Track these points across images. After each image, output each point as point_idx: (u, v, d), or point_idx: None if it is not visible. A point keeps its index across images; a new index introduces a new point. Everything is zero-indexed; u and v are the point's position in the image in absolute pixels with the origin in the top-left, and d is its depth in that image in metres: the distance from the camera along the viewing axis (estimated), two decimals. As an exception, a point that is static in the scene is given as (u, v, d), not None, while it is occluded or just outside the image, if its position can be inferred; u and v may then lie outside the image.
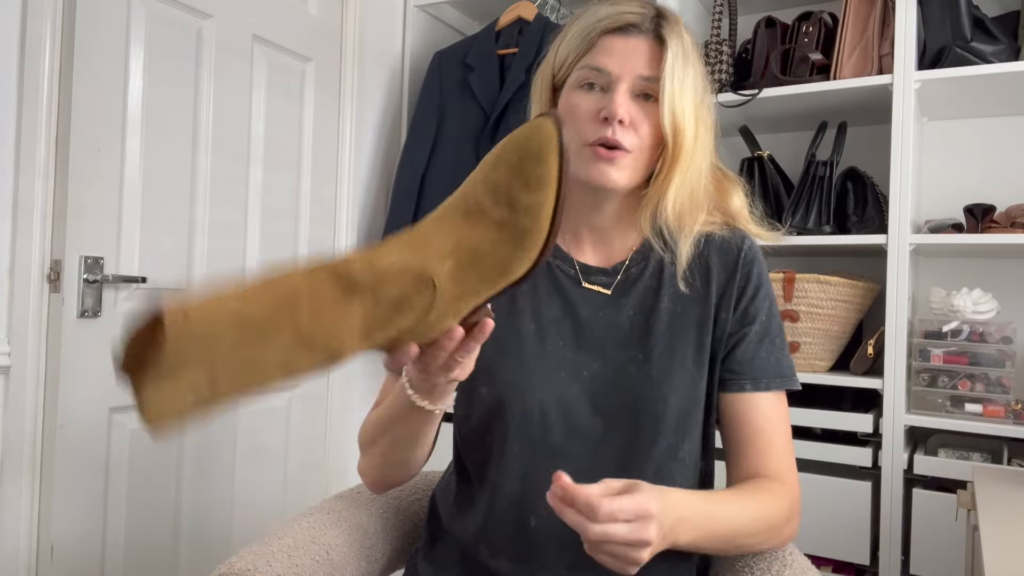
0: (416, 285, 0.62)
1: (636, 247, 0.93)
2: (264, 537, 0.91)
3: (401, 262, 0.62)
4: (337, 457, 2.11)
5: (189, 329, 0.57)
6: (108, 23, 1.48)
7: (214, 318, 0.58)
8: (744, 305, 0.90)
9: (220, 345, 0.58)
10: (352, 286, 0.61)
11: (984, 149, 1.86)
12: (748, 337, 0.89)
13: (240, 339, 0.58)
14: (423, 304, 0.62)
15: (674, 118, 0.85)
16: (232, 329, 0.58)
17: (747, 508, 0.82)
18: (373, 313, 0.61)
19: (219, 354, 0.58)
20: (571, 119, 0.86)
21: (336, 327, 0.60)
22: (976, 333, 1.61)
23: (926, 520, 1.57)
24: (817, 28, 1.79)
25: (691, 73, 0.86)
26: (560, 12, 2.17)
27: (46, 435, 1.41)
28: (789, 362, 0.92)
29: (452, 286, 0.63)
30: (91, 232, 1.46)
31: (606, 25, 0.86)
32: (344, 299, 0.61)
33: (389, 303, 0.61)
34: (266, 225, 1.86)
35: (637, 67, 0.85)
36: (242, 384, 0.59)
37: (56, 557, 1.41)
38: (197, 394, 0.58)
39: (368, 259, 0.61)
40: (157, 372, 0.57)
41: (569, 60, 0.89)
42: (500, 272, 0.63)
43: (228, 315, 0.58)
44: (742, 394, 0.88)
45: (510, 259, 0.63)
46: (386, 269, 0.61)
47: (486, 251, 0.63)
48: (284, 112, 1.90)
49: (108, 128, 1.49)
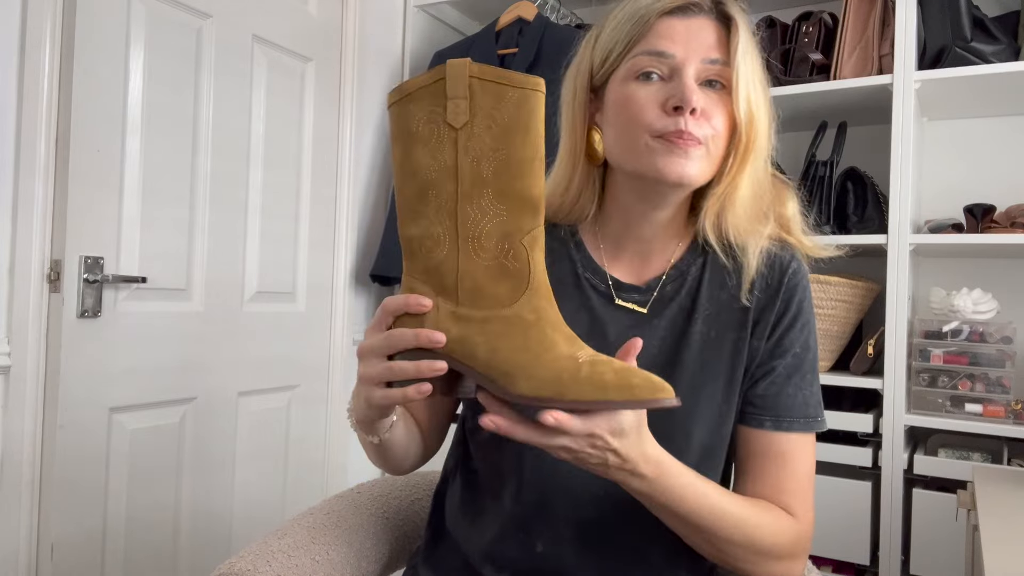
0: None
1: (675, 260, 0.86)
2: (264, 537, 0.91)
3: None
4: (337, 457, 2.11)
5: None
6: (108, 23, 1.48)
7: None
8: (779, 335, 0.82)
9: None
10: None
11: (984, 149, 1.86)
12: (777, 371, 0.82)
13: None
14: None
15: (749, 106, 0.77)
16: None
17: (734, 509, 0.75)
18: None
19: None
20: (627, 114, 0.77)
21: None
22: (976, 333, 1.61)
23: (926, 520, 1.57)
24: (817, 28, 1.79)
25: (758, 54, 0.79)
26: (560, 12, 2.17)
27: (46, 435, 1.41)
28: (817, 400, 0.83)
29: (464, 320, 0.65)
30: (91, 232, 1.46)
31: (664, 5, 0.77)
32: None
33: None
34: (266, 225, 1.86)
35: (702, 50, 0.76)
36: None
37: (56, 557, 1.41)
38: None
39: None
40: None
41: (617, 51, 0.79)
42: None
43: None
44: (760, 430, 0.81)
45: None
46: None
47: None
48: (284, 112, 1.90)
49: (108, 128, 1.49)
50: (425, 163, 0.64)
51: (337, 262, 2.09)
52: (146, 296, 1.57)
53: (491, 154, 0.63)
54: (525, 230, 0.64)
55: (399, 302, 0.66)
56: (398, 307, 0.66)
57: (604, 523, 0.81)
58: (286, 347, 1.93)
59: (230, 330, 1.76)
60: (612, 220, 0.87)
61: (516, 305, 0.63)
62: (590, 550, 0.81)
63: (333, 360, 2.08)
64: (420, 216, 0.66)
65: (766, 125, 0.80)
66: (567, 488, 0.81)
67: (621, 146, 0.80)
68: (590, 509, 0.81)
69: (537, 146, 0.63)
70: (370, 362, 0.67)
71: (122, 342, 1.52)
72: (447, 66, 0.63)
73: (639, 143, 0.77)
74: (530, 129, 0.62)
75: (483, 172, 0.63)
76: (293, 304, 1.96)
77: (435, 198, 0.65)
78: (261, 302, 1.86)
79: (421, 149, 0.65)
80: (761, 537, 0.76)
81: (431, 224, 0.65)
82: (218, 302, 1.73)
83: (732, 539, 0.75)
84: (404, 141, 0.66)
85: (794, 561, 0.80)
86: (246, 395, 1.82)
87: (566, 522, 0.81)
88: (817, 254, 0.86)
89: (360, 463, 2.22)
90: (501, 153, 0.63)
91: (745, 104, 0.77)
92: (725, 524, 0.74)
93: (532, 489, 0.82)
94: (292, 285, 1.96)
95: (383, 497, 1.07)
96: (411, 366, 0.64)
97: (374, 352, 0.66)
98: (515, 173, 0.63)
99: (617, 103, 0.79)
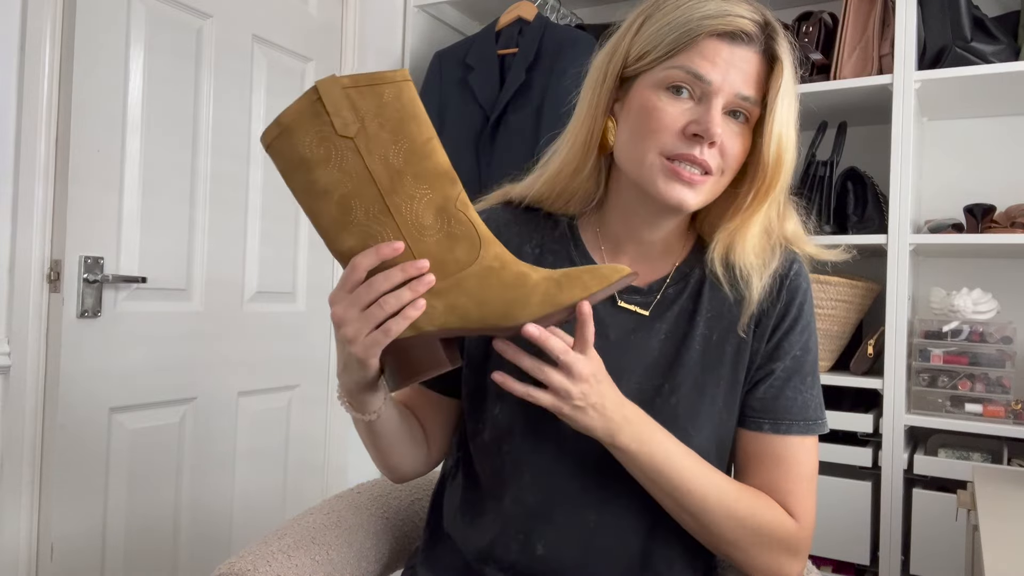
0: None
1: (679, 263, 0.86)
2: (264, 537, 0.91)
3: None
4: (337, 457, 2.11)
5: None
6: (108, 23, 1.48)
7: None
8: (778, 338, 0.82)
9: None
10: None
11: (984, 149, 1.86)
12: (775, 374, 0.82)
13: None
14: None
15: (780, 148, 0.76)
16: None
17: (721, 487, 0.76)
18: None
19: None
20: (648, 124, 0.76)
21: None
22: (976, 333, 1.61)
23: (926, 520, 1.57)
24: (817, 28, 1.79)
25: (796, 97, 0.78)
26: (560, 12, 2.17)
27: (46, 435, 1.41)
28: (817, 403, 0.83)
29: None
30: (91, 232, 1.46)
31: (716, 26, 0.74)
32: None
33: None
34: (266, 225, 1.86)
35: (738, 83, 0.75)
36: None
37: (56, 557, 1.41)
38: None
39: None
40: None
41: (656, 54, 0.77)
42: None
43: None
44: (759, 433, 0.82)
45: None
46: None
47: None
48: (284, 112, 1.90)
49: (108, 128, 1.49)
50: (334, 178, 0.67)
51: (337, 262, 2.09)
52: (146, 296, 1.57)
53: (394, 147, 0.67)
54: (453, 197, 0.69)
55: (370, 255, 0.67)
56: (371, 261, 0.67)
57: (604, 525, 0.81)
58: (286, 347, 1.93)
59: (230, 330, 1.76)
60: (614, 219, 0.86)
61: (478, 260, 0.69)
62: (590, 552, 0.81)
63: (333, 360, 2.08)
64: (351, 226, 0.68)
65: (792, 166, 0.79)
66: (567, 490, 0.81)
67: (631, 152, 0.79)
68: (590, 511, 0.81)
69: (429, 126, 0.68)
70: (352, 315, 0.67)
71: (122, 342, 1.52)
72: (319, 86, 0.67)
73: (647, 157, 0.77)
74: (417, 114, 0.67)
75: (395, 165, 0.67)
76: (293, 304, 1.96)
77: (360, 205, 0.68)
78: (261, 302, 1.86)
79: (323, 168, 0.67)
80: (752, 516, 0.77)
81: (367, 228, 0.68)
82: (218, 302, 1.73)
83: (715, 510, 0.76)
84: (302, 169, 0.68)
85: (792, 558, 0.79)
86: (246, 395, 1.82)
87: (566, 524, 0.81)
88: (822, 257, 0.86)
89: (360, 463, 2.22)
90: (403, 143, 0.67)
91: (776, 147, 0.76)
92: (707, 491, 0.76)
93: (533, 491, 0.82)
94: (292, 285, 1.96)
95: (383, 497, 1.07)
96: (406, 289, 0.67)
97: (355, 304, 0.67)
98: (423, 155, 0.68)
99: (641, 108, 0.77)
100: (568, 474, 0.81)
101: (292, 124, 0.67)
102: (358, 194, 0.67)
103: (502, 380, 0.71)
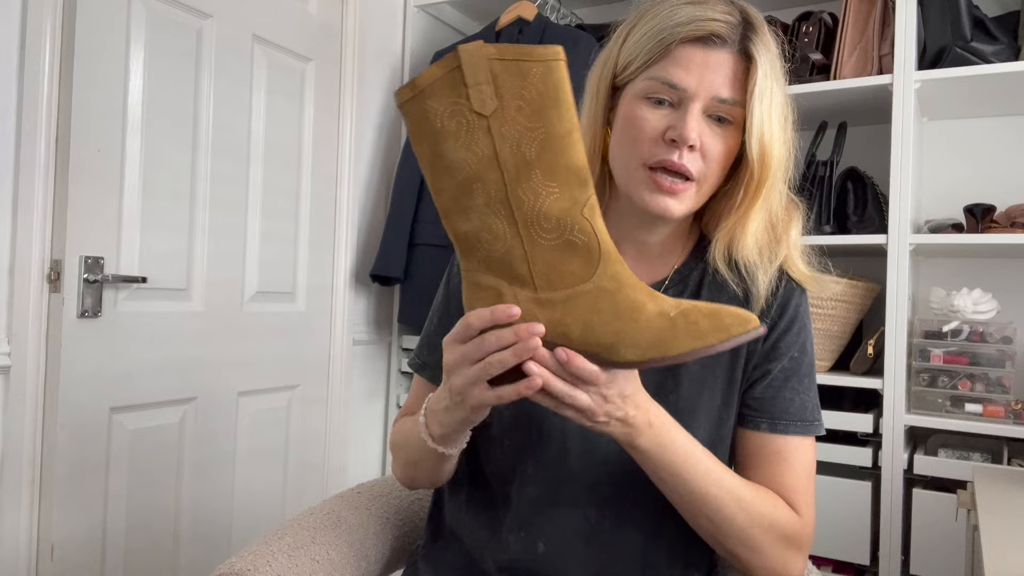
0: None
1: (679, 265, 0.87)
2: (264, 537, 0.91)
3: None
4: (337, 457, 2.11)
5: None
6: (108, 23, 1.48)
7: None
8: (775, 339, 0.82)
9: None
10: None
11: (984, 149, 1.86)
12: (773, 374, 0.82)
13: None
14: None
15: (762, 145, 0.76)
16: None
17: (736, 487, 0.75)
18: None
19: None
20: (630, 134, 0.78)
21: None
22: (976, 333, 1.61)
23: (926, 520, 1.57)
24: (817, 28, 1.79)
25: (778, 91, 0.78)
26: (560, 12, 2.17)
27: (46, 435, 1.41)
28: (815, 404, 0.83)
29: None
30: (91, 232, 1.46)
31: (688, 33, 0.75)
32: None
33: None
34: (266, 225, 1.86)
35: (715, 87, 0.75)
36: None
37: (56, 557, 1.41)
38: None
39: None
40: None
41: (635, 64, 0.78)
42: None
43: None
44: (757, 432, 0.82)
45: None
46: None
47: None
48: (284, 112, 1.90)
49: (108, 128, 1.49)
50: (461, 157, 0.62)
51: (337, 262, 2.09)
52: (146, 296, 1.57)
53: (529, 135, 0.61)
54: (581, 201, 0.63)
55: (485, 316, 0.64)
56: (485, 322, 0.64)
57: (606, 524, 0.81)
58: (286, 347, 1.93)
59: (230, 330, 1.76)
60: (613, 222, 0.86)
61: (595, 277, 0.63)
62: (592, 551, 0.81)
63: (333, 360, 2.08)
64: (469, 211, 0.64)
65: (783, 159, 0.79)
66: (570, 489, 0.81)
67: (618, 161, 0.81)
68: (592, 510, 0.81)
69: (572, 117, 0.62)
70: (462, 369, 0.66)
71: (122, 342, 1.52)
72: (460, 52, 0.60)
73: (631, 167, 0.78)
74: (561, 101, 0.61)
75: (526, 155, 0.62)
76: (293, 304, 1.96)
77: (482, 190, 0.63)
78: (261, 302, 1.86)
79: (452, 144, 0.62)
80: (764, 515, 0.76)
81: (484, 216, 0.63)
82: (218, 302, 1.73)
83: (730, 510, 0.75)
84: (430, 139, 0.63)
85: (797, 555, 0.79)
86: (246, 395, 1.82)
87: (568, 522, 0.81)
88: (808, 286, 0.85)
89: (360, 463, 2.22)
90: (539, 132, 0.61)
91: (757, 144, 0.76)
92: (723, 492, 0.74)
93: (535, 489, 0.82)
94: (292, 285, 1.96)
95: (383, 497, 1.07)
96: (509, 353, 0.63)
97: (467, 360, 0.65)
98: (558, 149, 0.62)
99: (625, 118, 0.79)
100: (571, 471, 0.82)
101: (427, 89, 0.62)
102: (482, 178, 0.62)
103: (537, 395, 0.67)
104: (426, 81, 0.62)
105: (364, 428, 2.24)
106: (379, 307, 2.27)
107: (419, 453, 0.81)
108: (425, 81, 0.62)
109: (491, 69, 0.61)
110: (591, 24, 2.22)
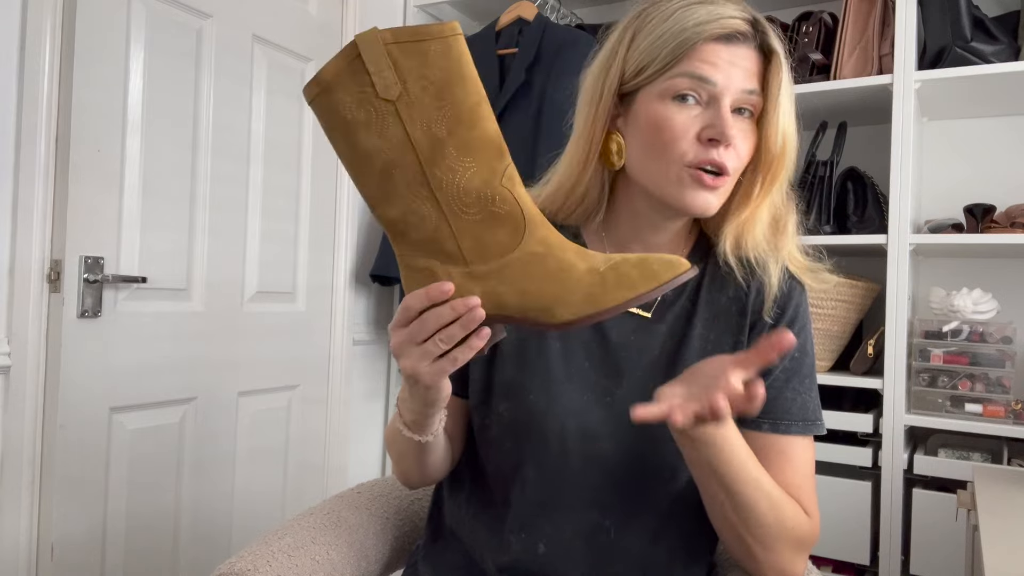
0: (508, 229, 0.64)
1: None
2: (264, 537, 0.91)
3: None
4: (337, 457, 2.11)
5: None
6: (108, 23, 1.48)
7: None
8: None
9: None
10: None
11: (984, 149, 1.86)
12: (774, 374, 0.82)
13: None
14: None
15: (784, 139, 0.79)
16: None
17: (771, 490, 0.76)
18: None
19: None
20: (661, 138, 0.77)
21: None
22: (976, 333, 1.61)
23: (926, 520, 1.57)
24: (817, 28, 1.79)
25: (792, 88, 0.80)
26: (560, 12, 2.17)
27: (46, 435, 1.41)
28: (816, 404, 0.84)
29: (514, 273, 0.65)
30: (91, 232, 1.46)
31: (712, 31, 0.76)
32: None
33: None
34: (266, 225, 1.86)
35: (741, 80, 0.77)
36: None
37: (56, 557, 1.41)
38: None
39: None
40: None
41: (655, 67, 0.78)
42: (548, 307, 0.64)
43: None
44: (759, 433, 0.81)
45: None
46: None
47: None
48: (284, 112, 1.90)
49: (108, 128, 1.49)
50: (375, 145, 0.63)
51: (337, 262, 2.09)
52: (146, 296, 1.57)
53: (437, 113, 0.62)
54: (499, 172, 0.63)
55: (421, 296, 0.65)
56: (422, 302, 0.65)
57: (606, 525, 0.81)
58: (286, 347, 1.93)
59: (230, 330, 1.76)
60: (620, 225, 0.87)
61: (522, 244, 0.64)
62: (592, 552, 0.81)
63: (333, 360, 2.08)
64: (392, 197, 0.64)
65: (795, 155, 0.82)
66: (570, 490, 0.81)
67: (649, 168, 0.80)
68: (592, 511, 0.81)
69: (478, 89, 0.62)
70: (409, 350, 0.66)
71: (122, 342, 1.52)
72: (357, 40, 0.61)
73: (670, 171, 0.78)
74: (464, 76, 0.61)
75: (437, 133, 0.62)
76: (293, 304, 1.96)
77: (400, 175, 0.63)
78: (261, 302, 1.86)
79: (364, 133, 0.63)
80: (784, 518, 0.76)
81: (408, 200, 0.64)
82: (218, 302, 1.73)
83: (761, 508, 0.75)
84: (343, 131, 0.64)
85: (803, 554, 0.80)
86: (246, 395, 1.82)
87: (568, 523, 0.81)
88: (811, 281, 0.86)
89: (360, 463, 2.22)
90: (447, 109, 0.62)
91: (780, 138, 0.78)
92: (760, 493, 0.75)
93: (536, 490, 0.82)
94: (292, 285, 1.96)
95: (383, 497, 1.07)
96: (456, 327, 0.64)
97: (412, 340, 0.66)
98: (468, 123, 0.62)
99: (650, 122, 0.78)
100: (572, 473, 0.82)
101: (332, 82, 0.62)
102: (399, 163, 0.63)
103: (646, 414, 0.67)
104: (330, 74, 0.62)
105: (364, 428, 2.24)
106: (379, 307, 2.27)
107: (401, 446, 0.81)
108: (329, 74, 0.62)
109: (390, 54, 0.61)
110: (591, 24, 2.22)
